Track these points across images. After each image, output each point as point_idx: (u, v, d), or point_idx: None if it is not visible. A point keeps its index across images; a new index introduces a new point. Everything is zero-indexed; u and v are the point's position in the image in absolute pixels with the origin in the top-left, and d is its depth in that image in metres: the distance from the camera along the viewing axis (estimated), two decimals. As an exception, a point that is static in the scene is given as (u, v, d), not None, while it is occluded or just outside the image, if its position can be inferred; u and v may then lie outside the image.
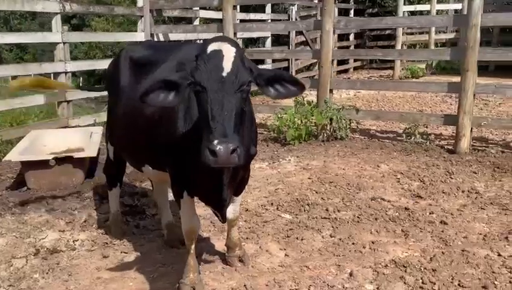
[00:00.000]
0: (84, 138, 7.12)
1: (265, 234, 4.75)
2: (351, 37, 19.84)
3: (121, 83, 4.09)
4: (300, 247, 4.48)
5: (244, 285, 3.83)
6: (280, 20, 15.66)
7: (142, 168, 3.94)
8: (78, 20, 27.45)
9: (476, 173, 6.39)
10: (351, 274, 3.93)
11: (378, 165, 6.80)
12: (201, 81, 2.71)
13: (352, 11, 20.18)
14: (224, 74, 2.68)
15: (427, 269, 3.93)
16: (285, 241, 4.60)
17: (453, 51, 7.23)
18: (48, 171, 5.99)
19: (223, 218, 3.54)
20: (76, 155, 6.07)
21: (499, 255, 4.16)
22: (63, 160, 6.02)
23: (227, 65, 2.70)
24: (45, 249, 4.58)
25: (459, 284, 3.70)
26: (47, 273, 4.12)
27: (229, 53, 2.74)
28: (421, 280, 3.77)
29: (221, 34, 8.95)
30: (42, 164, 5.96)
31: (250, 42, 18.25)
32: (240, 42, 12.92)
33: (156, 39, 9.99)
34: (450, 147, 7.53)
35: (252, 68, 2.82)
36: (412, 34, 17.50)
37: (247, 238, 4.70)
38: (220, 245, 4.56)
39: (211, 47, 2.78)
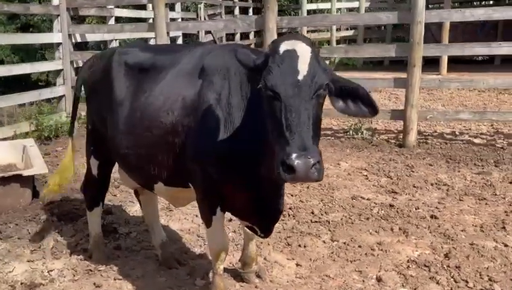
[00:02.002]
0: (16, 152, 6.32)
1: (265, 243, 4.47)
2: (251, 35, 19.86)
3: (116, 92, 3.57)
4: (308, 255, 4.28)
5: (275, 303, 3.56)
6: (190, 18, 15.24)
7: (154, 185, 3.48)
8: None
9: (432, 165, 6.58)
10: (378, 280, 3.80)
11: (338, 163, 6.77)
12: (275, 87, 2.36)
13: (251, 10, 20.27)
14: (300, 78, 2.35)
15: (450, 267, 3.91)
16: (289, 250, 4.37)
17: (399, 47, 7.39)
18: (-10, 193, 5.21)
19: (268, 232, 3.24)
20: (26, 173, 5.33)
21: (506, 245, 4.26)
22: (8, 179, 5.26)
23: (303, 67, 2.37)
24: (20, 284, 3.96)
25: (489, 279, 3.71)
26: (39, 313, 3.54)
27: (304, 53, 2.40)
28: (452, 279, 3.73)
29: (152, 33, 8.46)
30: (-20, 186, 5.17)
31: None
32: (151, 41, 12.36)
33: (73, 40, 9.21)
34: (397, 141, 7.72)
35: (328, 70, 2.49)
36: (315, 31, 17.89)
37: (244, 250, 4.39)
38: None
39: (284, 46, 2.43)
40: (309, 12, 17.25)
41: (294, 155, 2.22)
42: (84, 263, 4.26)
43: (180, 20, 13.57)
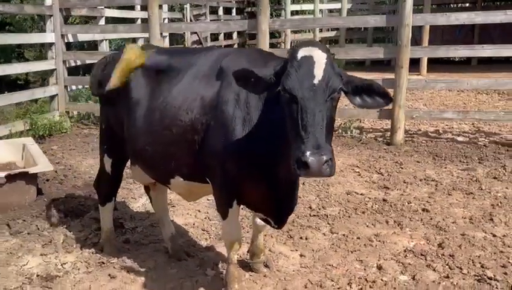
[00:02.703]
0: (15, 151, 6.44)
1: (268, 236, 4.70)
2: (234, 35, 20.06)
3: (133, 92, 3.76)
4: (310, 246, 4.52)
5: (285, 289, 3.80)
6: (176, 18, 15.39)
7: (171, 180, 3.69)
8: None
9: (419, 162, 6.89)
10: (379, 268, 4.07)
11: (330, 160, 7.02)
12: (292, 90, 2.61)
13: (234, 10, 20.49)
14: (315, 82, 2.59)
15: (445, 256, 4.19)
16: (292, 242, 4.61)
17: (387, 49, 7.71)
18: (-4, 190, 5.33)
19: (281, 224, 3.48)
20: (32, 170, 5.47)
21: (494, 235, 4.56)
22: (14, 177, 5.40)
23: (319, 72, 2.61)
24: (36, 276, 4.13)
25: (481, 266, 4.01)
26: (60, 302, 3.73)
27: (320, 59, 2.65)
28: (447, 266, 4.02)
29: (146, 34, 8.62)
30: (-14, 184, 5.29)
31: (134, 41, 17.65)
32: (139, 41, 12.49)
33: (65, 40, 9.32)
34: (384, 139, 8.03)
35: (341, 74, 2.74)
36: (299, 32, 18.17)
37: (252, 242, 4.62)
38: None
39: (301, 53, 2.68)
40: (293, 13, 17.54)
41: (308, 153, 2.46)
42: (96, 256, 4.43)
43: (166, 20, 13.68)
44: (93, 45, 12.90)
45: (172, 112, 3.49)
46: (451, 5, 21.30)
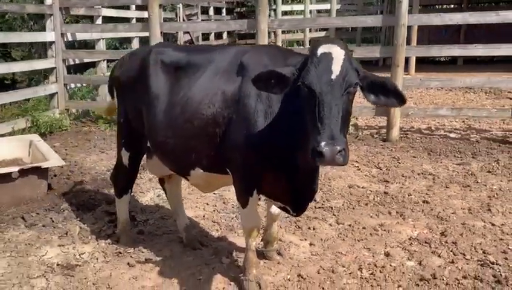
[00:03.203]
0: (22, 147, 6.58)
1: (277, 227, 4.88)
2: (224, 35, 20.23)
3: (153, 87, 3.92)
4: (318, 236, 4.73)
5: (299, 275, 3.99)
6: (168, 18, 15.49)
7: (191, 172, 3.86)
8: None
9: (415, 157, 7.14)
10: (387, 255, 4.29)
11: (329, 156, 7.24)
12: (311, 84, 2.80)
13: (224, 10, 20.67)
14: (333, 77, 2.78)
15: (448, 243, 4.42)
16: (301, 233, 4.81)
17: (384, 49, 7.94)
18: (9, 185, 5.46)
19: (301, 211, 3.67)
20: (44, 165, 5.61)
21: (493, 224, 4.80)
22: (27, 171, 5.53)
23: (336, 68, 2.79)
24: (57, 265, 4.28)
25: (483, 252, 4.24)
26: (83, 290, 3.89)
27: (338, 56, 2.82)
28: (451, 253, 4.25)
29: (147, 33, 8.76)
30: (1, 178, 5.42)
31: (126, 42, 17.72)
32: (135, 41, 12.60)
33: (65, 39, 9.43)
34: (380, 136, 8.28)
35: (358, 70, 2.91)
36: (289, 32, 18.38)
37: (266, 230, 4.81)
38: (241, 242, 4.63)
39: (321, 50, 2.87)
40: (283, 13, 17.76)
41: (323, 143, 2.65)
42: (112, 246, 4.59)
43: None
44: (83, 45, 12.96)
45: (193, 106, 3.66)
46: (437, 6, 21.68)
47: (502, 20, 7.39)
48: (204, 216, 5.25)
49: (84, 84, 10.57)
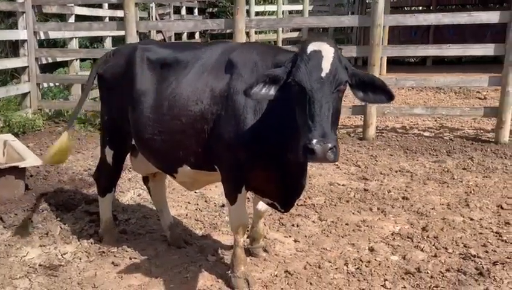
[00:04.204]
0: (-4, 146, 6.44)
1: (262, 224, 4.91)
2: (196, 35, 20.16)
3: (138, 85, 3.88)
4: (302, 233, 4.76)
5: (286, 271, 4.02)
6: (140, 18, 15.33)
7: (178, 169, 3.84)
8: None
9: (392, 155, 7.25)
10: (371, 250, 4.35)
11: (308, 154, 7.30)
12: (302, 81, 2.82)
13: (196, 10, 20.62)
14: (323, 75, 2.80)
15: (429, 238, 4.51)
16: (284, 229, 4.84)
17: (360, 48, 8.05)
18: (-15, 185, 5.34)
19: (289, 207, 3.69)
20: (22, 165, 5.50)
21: (472, 219, 4.92)
22: (3, 171, 5.42)
23: (326, 66, 2.82)
24: (39, 265, 4.22)
25: (464, 246, 4.34)
26: (68, 290, 3.84)
27: (328, 54, 2.85)
28: (434, 247, 4.33)
29: (122, 32, 8.67)
30: (-24, 178, 5.30)
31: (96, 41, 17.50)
32: (107, 40, 12.45)
33: (38, 37, 9.27)
34: (356, 135, 8.39)
35: (348, 67, 2.95)
36: (262, 32, 18.41)
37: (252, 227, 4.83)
38: (225, 239, 4.64)
39: (311, 47, 2.89)
40: (256, 14, 17.79)
41: (314, 141, 2.68)
42: (95, 246, 4.53)
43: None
44: (52, 44, 12.73)
45: (181, 102, 3.65)
46: (406, 8, 22.05)
47: (473, 21, 7.58)
48: (187, 215, 5.23)
49: (55, 84, 10.37)
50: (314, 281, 3.86)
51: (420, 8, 22.16)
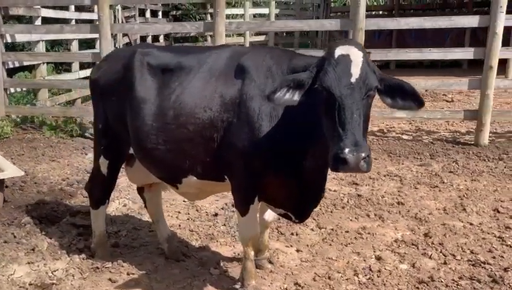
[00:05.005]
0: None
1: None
2: (161, 38, 19.83)
3: (139, 91, 3.64)
4: (303, 241, 4.63)
5: (296, 283, 3.87)
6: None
7: (183, 179, 3.64)
8: None
9: (377, 159, 7.20)
10: (378, 258, 4.25)
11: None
12: (330, 87, 2.70)
13: (160, 13, 20.30)
14: (353, 80, 2.69)
15: (434, 244, 4.45)
16: (284, 239, 4.70)
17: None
18: (-39, 198, 4.99)
19: (305, 217, 3.55)
20: (1, 176, 5.16)
21: (471, 224, 4.89)
22: (-20, 183, 5.08)
23: (356, 71, 2.70)
24: (29, 284, 3.93)
25: (471, 252, 4.30)
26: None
27: (357, 58, 2.74)
28: (441, 254, 4.27)
29: (96, 35, 8.35)
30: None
31: (56, 44, 16.93)
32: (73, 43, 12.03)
33: (4, 41, 8.83)
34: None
35: (376, 72, 2.83)
36: (227, 36, 18.21)
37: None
38: (225, 251, 4.47)
39: (338, 51, 2.77)
40: (227, 16, 17.62)
41: (347, 150, 2.56)
42: (87, 261, 4.27)
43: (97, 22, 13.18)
44: (10, 47, 12.22)
45: (188, 110, 3.46)
46: (367, 12, 22.30)
47: (453, 25, 7.65)
48: (180, 225, 5.01)
49: (19, 89, 9.90)
50: (328, 294, 3.73)
51: (380, 12, 22.51)
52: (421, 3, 22.43)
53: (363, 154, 2.56)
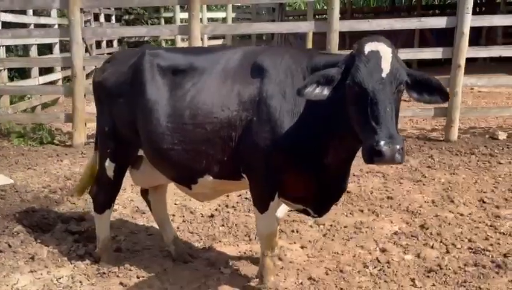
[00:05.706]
0: None
1: (260, 232, 4.79)
2: (115, 43, 19.55)
3: (150, 93, 3.62)
4: (305, 238, 4.70)
5: (310, 278, 3.94)
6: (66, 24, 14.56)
7: (199, 180, 3.64)
8: None
9: (356, 156, 7.36)
10: (382, 250, 4.37)
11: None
12: (362, 83, 2.80)
13: (113, 17, 20.03)
14: (384, 75, 2.79)
15: (433, 235, 4.62)
16: (286, 236, 4.76)
17: (317, 53, 8.12)
18: None
19: (324, 212, 3.62)
20: (-10, 183, 4.99)
21: (462, 215, 5.10)
22: (-32, 192, 4.89)
23: (386, 66, 2.81)
24: (38, 294, 3.83)
25: (469, 240, 4.49)
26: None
27: (386, 54, 2.84)
28: (442, 243, 4.44)
29: (67, 38, 8.17)
30: None
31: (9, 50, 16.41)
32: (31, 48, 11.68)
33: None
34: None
35: (404, 67, 2.92)
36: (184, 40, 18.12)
37: (250, 239, 4.70)
38: (230, 250, 4.49)
39: (368, 48, 2.86)
40: (182, 21, 17.52)
41: (382, 142, 2.64)
42: (92, 267, 4.20)
43: (56, 26, 12.85)
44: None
45: (205, 110, 3.47)
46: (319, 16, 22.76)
47: (423, 26, 7.98)
48: (178, 228, 4.98)
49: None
50: (344, 286, 3.82)
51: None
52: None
53: (398, 146, 2.65)
